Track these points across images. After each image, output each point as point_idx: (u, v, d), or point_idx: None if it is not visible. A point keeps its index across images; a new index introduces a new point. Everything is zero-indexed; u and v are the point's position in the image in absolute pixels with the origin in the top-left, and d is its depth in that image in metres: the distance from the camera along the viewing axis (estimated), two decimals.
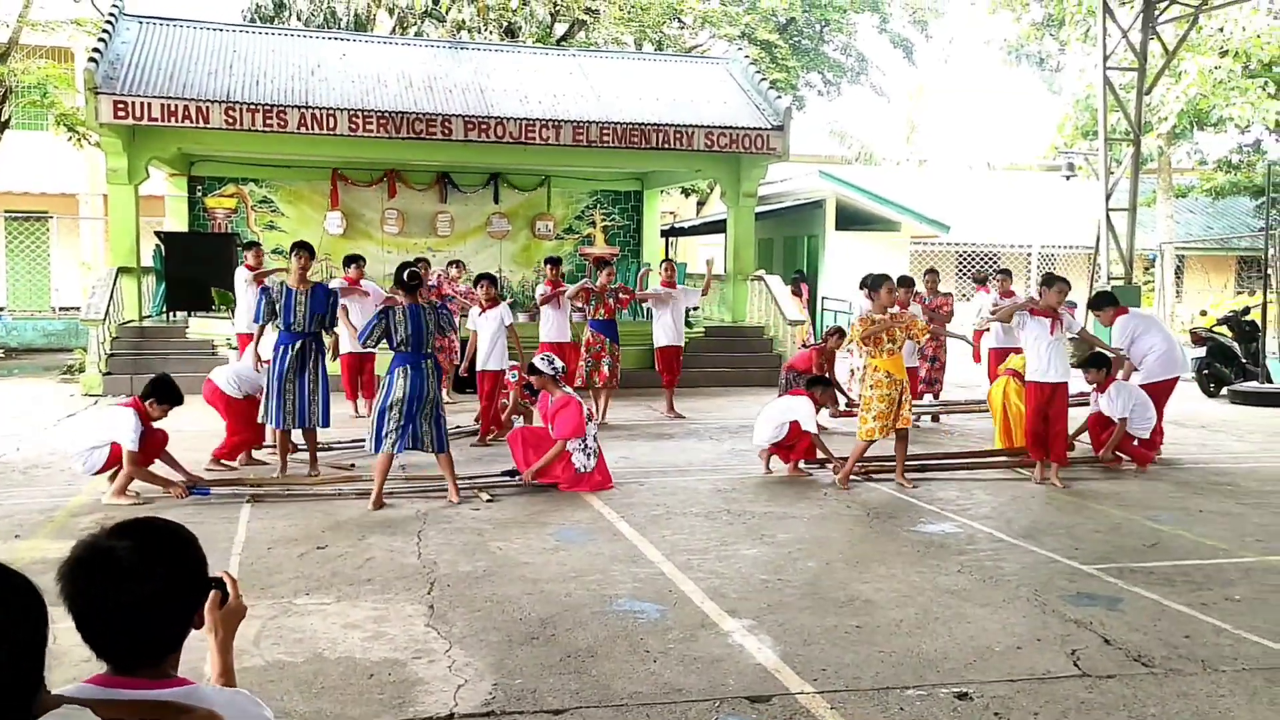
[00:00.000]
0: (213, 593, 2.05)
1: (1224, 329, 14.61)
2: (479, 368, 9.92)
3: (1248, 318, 14.69)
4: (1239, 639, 4.68)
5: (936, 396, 11.53)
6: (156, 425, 7.37)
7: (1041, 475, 8.19)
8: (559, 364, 8.14)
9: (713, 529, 6.66)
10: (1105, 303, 9.57)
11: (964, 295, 19.36)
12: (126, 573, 1.79)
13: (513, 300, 15.67)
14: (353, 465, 8.60)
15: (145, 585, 1.79)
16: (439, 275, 12.68)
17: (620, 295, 11.42)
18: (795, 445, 8.41)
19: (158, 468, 7.41)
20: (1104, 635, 4.70)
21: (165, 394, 7.29)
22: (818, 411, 8.49)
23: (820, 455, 8.50)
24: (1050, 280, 8.30)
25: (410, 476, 8.04)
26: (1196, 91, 20.50)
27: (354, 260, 11.19)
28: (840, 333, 10.94)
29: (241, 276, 11.49)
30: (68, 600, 1.81)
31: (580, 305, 11.36)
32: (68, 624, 2.16)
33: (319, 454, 8.34)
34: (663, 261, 12.46)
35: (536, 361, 8.12)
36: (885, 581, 5.52)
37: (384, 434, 7.18)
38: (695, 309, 13.96)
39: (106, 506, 7.01)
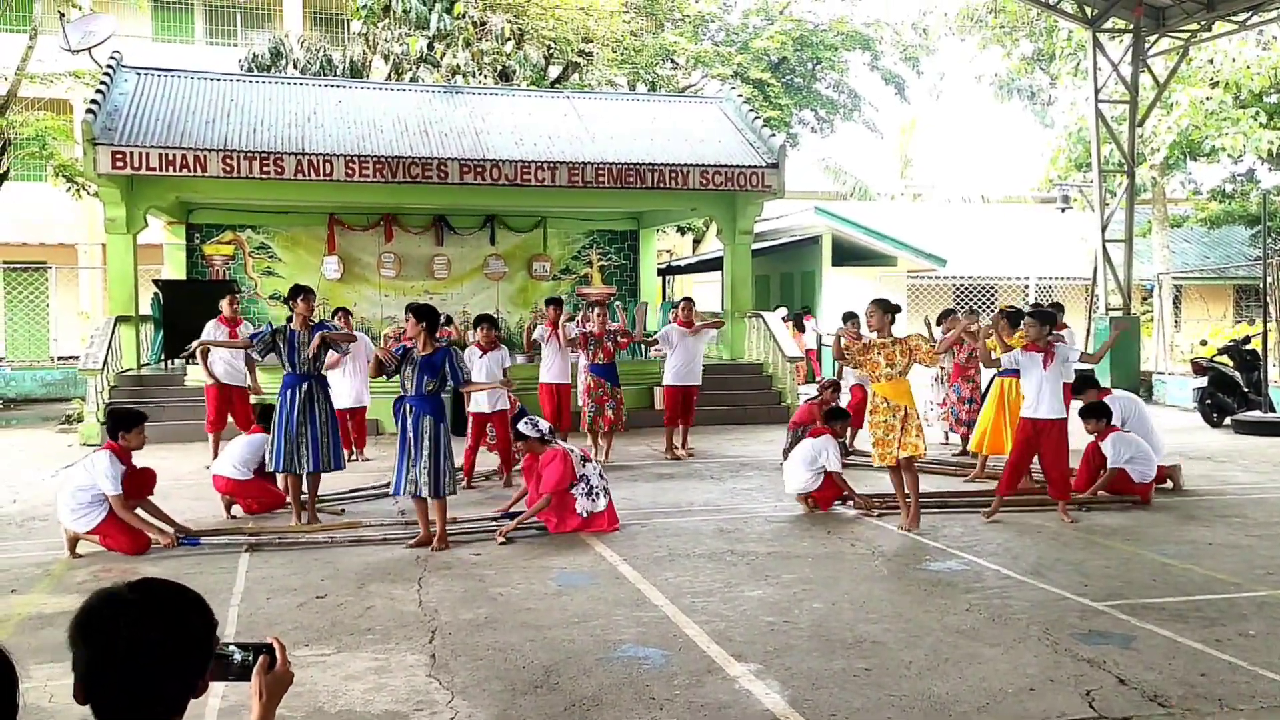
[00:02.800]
0: (262, 657, 2.05)
1: (1225, 358, 14.57)
2: (473, 410, 9.85)
3: (1248, 347, 14.66)
4: (1255, 676, 4.60)
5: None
6: (143, 465, 7.33)
7: (995, 511, 8.02)
8: (543, 425, 8.04)
9: (717, 570, 6.58)
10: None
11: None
12: (139, 622, 1.81)
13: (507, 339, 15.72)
14: (342, 511, 8.55)
15: (156, 637, 1.81)
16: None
17: (619, 339, 11.38)
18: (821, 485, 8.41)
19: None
20: (1118, 675, 4.62)
21: (126, 421, 7.16)
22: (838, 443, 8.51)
23: (844, 492, 8.45)
24: (1016, 317, 8.24)
25: (409, 522, 7.97)
26: (1188, 122, 20.63)
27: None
28: (836, 386, 10.74)
29: (213, 328, 11.00)
30: (77, 646, 1.82)
31: (579, 350, 11.30)
32: (63, 682, 2.07)
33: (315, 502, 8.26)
34: (682, 299, 12.36)
35: (521, 427, 7.99)
36: (893, 622, 5.44)
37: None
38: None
39: (107, 557, 6.93)
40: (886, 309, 7.77)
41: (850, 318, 10.76)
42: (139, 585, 1.88)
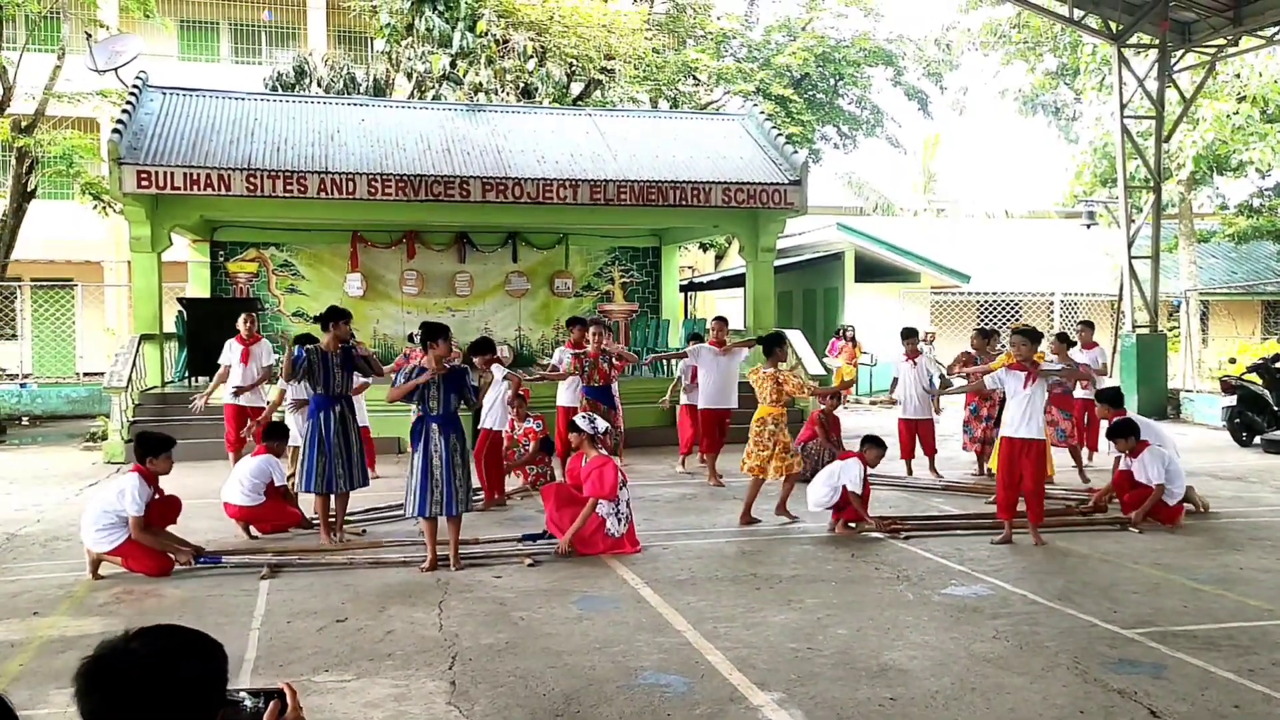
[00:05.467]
0: (273, 703, 2.02)
1: (1254, 376, 14.37)
2: (483, 426, 9.80)
3: (1278, 365, 14.45)
4: None
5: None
6: (170, 493, 7.38)
7: (1006, 537, 7.91)
8: (601, 425, 8.05)
9: (739, 594, 6.51)
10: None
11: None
12: (145, 675, 1.78)
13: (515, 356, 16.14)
14: (363, 531, 8.54)
15: (162, 690, 1.78)
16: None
17: (615, 361, 11.28)
18: (845, 505, 8.36)
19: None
20: (1150, 706, 4.52)
21: (154, 446, 7.14)
22: (868, 470, 8.47)
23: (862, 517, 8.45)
24: (1018, 334, 8.14)
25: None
26: (1215, 137, 20.46)
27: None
28: (837, 397, 11.08)
29: (232, 349, 11.03)
30: (81, 700, 1.79)
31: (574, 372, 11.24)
32: None
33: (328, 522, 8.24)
34: (715, 319, 12.01)
35: (578, 419, 8.06)
36: (919, 649, 5.36)
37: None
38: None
39: (128, 579, 6.94)
40: (770, 348, 8.91)
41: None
42: (142, 634, 1.85)
